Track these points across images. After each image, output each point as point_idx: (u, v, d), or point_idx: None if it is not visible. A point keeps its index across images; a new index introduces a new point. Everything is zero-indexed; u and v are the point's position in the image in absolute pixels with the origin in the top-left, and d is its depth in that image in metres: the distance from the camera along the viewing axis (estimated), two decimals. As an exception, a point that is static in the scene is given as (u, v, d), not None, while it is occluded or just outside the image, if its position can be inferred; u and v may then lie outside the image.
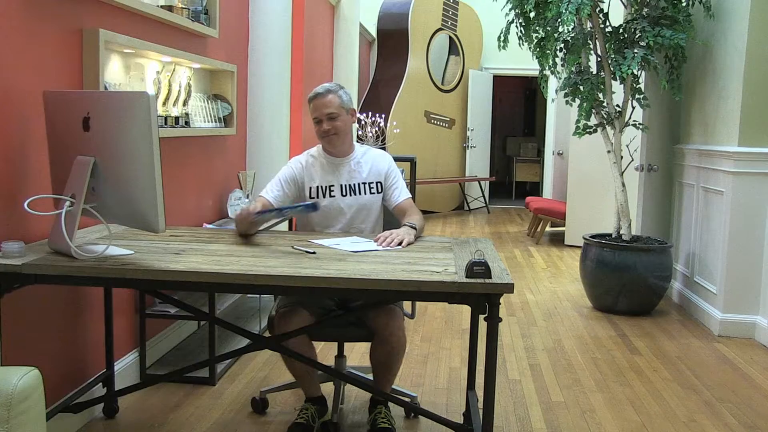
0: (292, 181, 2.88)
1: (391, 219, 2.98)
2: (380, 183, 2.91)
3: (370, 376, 2.87)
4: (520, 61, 9.20)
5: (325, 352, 3.62)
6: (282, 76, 4.81)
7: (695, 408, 3.17)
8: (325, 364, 2.73)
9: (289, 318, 2.63)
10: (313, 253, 2.41)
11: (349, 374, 2.75)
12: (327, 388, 3.01)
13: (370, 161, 2.93)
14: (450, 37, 10.39)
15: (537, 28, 5.00)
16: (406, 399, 3.00)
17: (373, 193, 2.90)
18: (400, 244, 2.58)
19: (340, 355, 3.05)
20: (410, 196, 2.94)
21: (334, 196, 2.86)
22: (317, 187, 2.87)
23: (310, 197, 2.85)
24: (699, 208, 4.76)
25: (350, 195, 2.87)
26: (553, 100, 8.36)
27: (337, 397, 2.93)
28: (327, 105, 2.81)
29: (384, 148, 9.16)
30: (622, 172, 4.87)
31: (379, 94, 9.51)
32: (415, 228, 2.72)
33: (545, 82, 5.26)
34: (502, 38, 5.06)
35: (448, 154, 10.37)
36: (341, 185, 2.87)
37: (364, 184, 2.88)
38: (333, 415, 2.85)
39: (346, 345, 3.16)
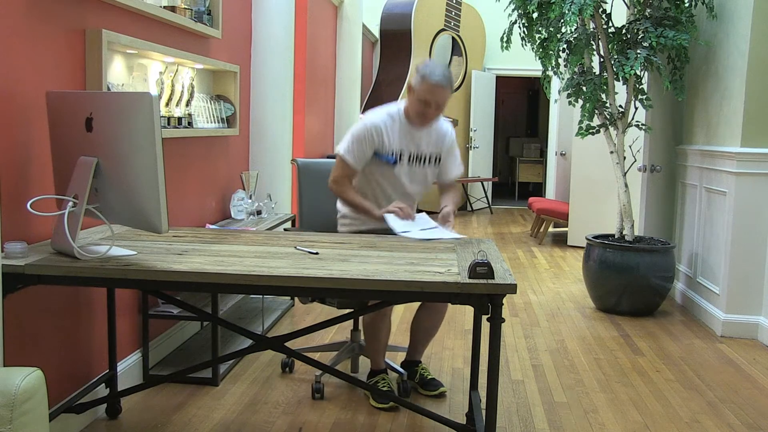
0: (371, 144, 3.10)
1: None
2: (439, 156, 3.22)
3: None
4: (523, 61, 9.21)
5: (339, 331, 3.63)
6: (285, 77, 4.81)
7: (698, 408, 3.17)
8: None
9: None
10: (316, 253, 2.41)
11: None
12: (344, 366, 3.48)
13: (435, 133, 3.19)
14: (453, 38, 10.39)
15: (540, 28, 5.00)
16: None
17: (432, 164, 3.21)
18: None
19: (356, 329, 3.49)
20: (462, 169, 3.35)
21: (402, 163, 3.14)
22: (392, 151, 3.12)
23: (390, 154, 3.11)
24: (702, 209, 4.76)
25: (416, 164, 3.16)
26: (555, 101, 8.36)
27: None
28: (444, 96, 3.02)
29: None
30: (625, 173, 4.86)
31: (381, 95, 9.51)
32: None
33: (548, 82, 5.26)
34: (505, 39, 5.06)
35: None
36: (410, 152, 3.14)
37: (428, 155, 3.18)
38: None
39: (360, 321, 3.51)
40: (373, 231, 3.08)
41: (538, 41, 5.07)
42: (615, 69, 4.64)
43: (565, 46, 4.91)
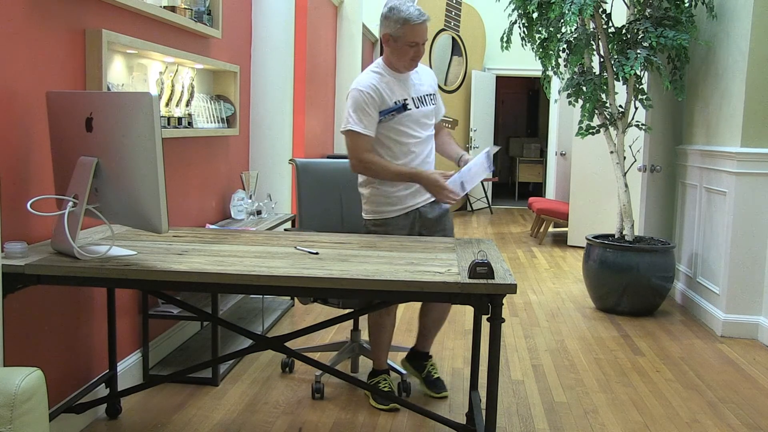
0: (374, 105, 2.97)
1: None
2: (434, 95, 3.16)
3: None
4: (523, 61, 9.20)
5: (339, 331, 3.63)
6: (285, 77, 4.81)
7: (698, 408, 3.17)
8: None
9: None
10: (316, 253, 2.41)
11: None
12: (344, 366, 3.51)
13: (422, 74, 3.13)
14: (453, 38, 10.39)
15: (540, 28, 5.00)
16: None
17: (433, 104, 3.14)
18: None
19: (356, 329, 3.51)
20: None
21: (410, 109, 3.02)
22: (395, 101, 3.01)
23: (395, 104, 3.00)
24: (702, 209, 4.76)
25: (421, 105, 3.07)
26: (555, 101, 8.36)
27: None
28: (426, 31, 2.95)
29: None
30: (625, 173, 4.86)
31: (381, 95, 9.50)
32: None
33: (548, 82, 5.26)
34: (505, 39, 5.06)
35: (451, 155, 10.35)
36: (412, 98, 3.05)
37: (426, 96, 3.10)
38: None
39: (360, 320, 3.58)
40: (403, 218, 3.05)
41: (538, 41, 5.07)
42: (615, 69, 4.64)
43: (565, 46, 4.90)
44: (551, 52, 4.96)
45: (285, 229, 4.31)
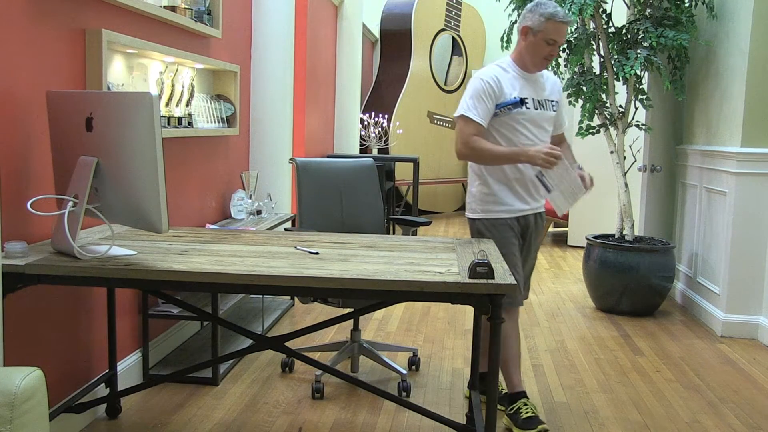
0: (491, 96, 2.94)
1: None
2: (556, 103, 3.14)
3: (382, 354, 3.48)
4: (523, 61, 9.20)
5: (339, 331, 3.63)
6: (285, 77, 4.81)
7: (698, 408, 3.17)
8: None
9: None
10: (316, 253, 2.41)
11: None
12: (344, 366, 3.51)
13: (549, 80, 3.14)
14: (453, 38, 10.39)
15: (540, 28, 4.99)
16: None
17: (554, 110, 3.11)
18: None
19: (356, 329, 3.49)
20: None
21: (528, 107, 3.00)
22: (514, 96, 2.99)
23: (513, 98, 2.99)
24: (702, 209, 4.76)
25: (540, 108, 3.03)
26: (555, 101, 8.36)
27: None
28: (566, 34, 2.99)
29: (387, 149, 9.09)
30: (625, 173, 4.86)
31: (382, 95, 9.51)
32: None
33: (548, 82, 5.25)
34: (505, 38, 5.06)
35: (451, 155, 10.36)
36: (533, 99, 3.02)
37: (548, 100, 3.07)
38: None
39: (360, 320, 3.65)
40: (512, 220, 2.99)
41: (538, 41, 5.07)
42: (615, 69, 4.64)
43: (565, 46, 4.90)
44: (551, 52, 4.95)
45: (285, 229, 4.30)
